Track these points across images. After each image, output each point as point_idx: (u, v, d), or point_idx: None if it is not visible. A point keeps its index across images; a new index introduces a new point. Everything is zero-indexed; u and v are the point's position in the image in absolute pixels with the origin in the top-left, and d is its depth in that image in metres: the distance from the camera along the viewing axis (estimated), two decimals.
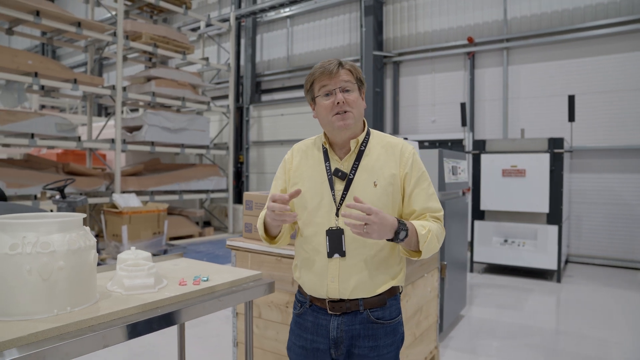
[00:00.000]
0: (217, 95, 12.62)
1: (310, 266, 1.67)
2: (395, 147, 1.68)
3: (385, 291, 1.65)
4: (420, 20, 9.36)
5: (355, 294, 1.61)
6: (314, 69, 1.65)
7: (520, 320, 4.69)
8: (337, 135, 1.65)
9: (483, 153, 6.61)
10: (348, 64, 1.64)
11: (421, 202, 1.64)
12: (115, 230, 7.24)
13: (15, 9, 6.96)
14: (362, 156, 1.65)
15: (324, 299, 1.64)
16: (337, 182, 1.64)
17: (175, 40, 9.32)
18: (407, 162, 1.65)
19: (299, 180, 1.70)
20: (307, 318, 1.70)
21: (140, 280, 1.98)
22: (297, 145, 1.80)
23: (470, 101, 8.67)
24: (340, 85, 1.60)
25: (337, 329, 1.63)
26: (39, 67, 7.11)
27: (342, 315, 1.63)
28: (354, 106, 1.61)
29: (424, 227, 1.56)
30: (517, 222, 6.47)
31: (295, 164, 1.74)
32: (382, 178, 1.62)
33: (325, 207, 1.63)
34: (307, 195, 1.66)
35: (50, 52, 16.49)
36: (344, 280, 1.60)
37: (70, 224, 1.74)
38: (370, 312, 1.63)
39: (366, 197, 1.58)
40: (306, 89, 1.70)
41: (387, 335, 1.66)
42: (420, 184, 1.66)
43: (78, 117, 12.08)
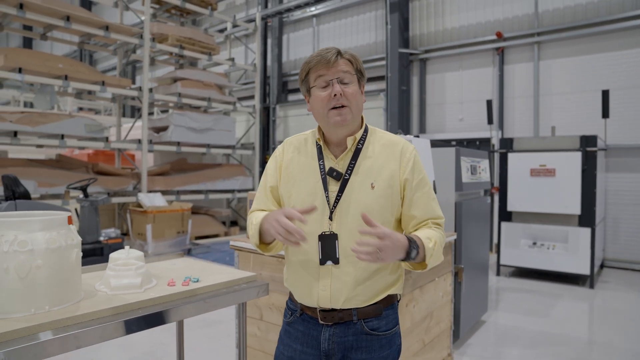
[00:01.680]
0: (244, 95, 12.72)
1: (301, 272, 1.55)
2: (396, 146, 1.55)
3: (381, 300, 1.52)
4: (447, 16, 9.10)
5: (349, 304, 1.48)
6: (311, 57, 1.49)
7: (546, 327, 4.45)
8: (332, 132, 1.52)
9: (510, 152, 6.34)
10: (348, 54, 1.50)
11: (422, 207, 1.52)
12: (140, 229, 7.39)
13: (48, 15, 7.21)
14: (359, 155, 1.52)
15: (315, 308, 1.52)
16: (332, 182, 1.50)
17: (201, 41, 9.44)
18: (408, 164, 1.52)
19: (291, 178, 1.57)
20: (298, 327, 1.58)
21: (126, 280, 1.96)
22: (290, 139, 1.67)
23: (499, 98, 8.36)
24: (338, 76, 1.45)
25: (328, 341, 1.51)
26: (69, 70, 7.34)
27: (334, 325, 1.51)
28: (352, 100, 1.47)
29: (430, 239, 1.44)
30: (546, 224, 6.16)
31: (287, 160, 1.61)
32: (380, 179, 1.49)
33: (318, 210, 1.48)
34: (298, 196, 1.54)
35: (88, 56, 17.08)
36: (336, 289, 1.47)
37: (52, 223, 1.72)
38: (364, 322, 1.50)
39: (363, 199, 1.47)
40: (301, 78, 1.54)
41: (383, 347, 1.53)
42: (422, 187, 1.53)
43: (111, 118, 12.44)
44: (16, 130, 6.69)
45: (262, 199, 1.65)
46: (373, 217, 1.41)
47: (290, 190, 1.56)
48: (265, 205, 1.64)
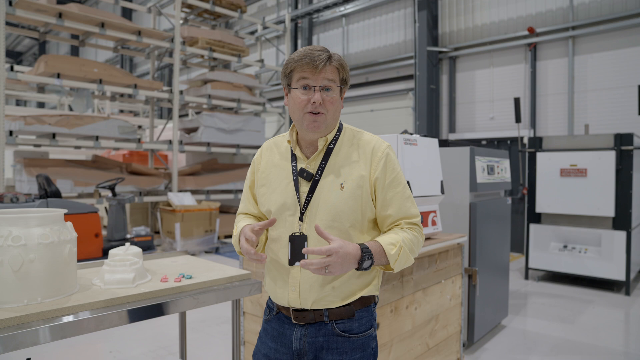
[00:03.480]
0: (275, 96, 12.87)
1: (273, 273, 1.57)
2: (367, 145, 1.53)
3: (353, 302, 1.50)
4: (478, 12, 8.87)
5: (318, 305, 1.48)
6: (299, 54, 1.45)
7: (570, 335, 4.26)
8: (304, 133, 1.52)
9: (539, 151, 6.11)
10: (336, 60, 1.46)
11: (396, 207, 1.49)
12: (170, 228, 7.61)
13: (84, 23, 7.56)
14: (329, 155, 1.51)
15: (288, 308, 1.53)
16: (303, 183, 1.51)
17: (230, 43, 9.62)
18: (378, 163, 1.49)
19: (266, 181, 1.59)
20: (273, 326, 1.60)
21: (119, 275, 2.03)
22: (267, 143, 1.69)
23: (531, 96, 8.07)
24: (322, 84, 1.43)
25: (300, 340, 1.51)
26: (103, 74, 7.67)
27: (306, 325, 1.51)
28: (330, 108, 1.45)
29: (393, 245, 1.42)
30: (578, 227, 5.90)
31: (262, 164, 1.63)
32: (349, 180, 1.48)
33: (289, 211, 1.50)
34: (272, 197, 1.55)
35: (128, 61, 17.77)
36: (305, 290, 1.48)
37: (45, 219, 1.81)
38: (335, 323, 1.49)
39: (332, 199, 1.46)
40: (284, 73, 1.50)
41: (355, 350, 1.50)
42: (395, 187, 1.50)
43: (147, 120, 12.89)
44: (54, 132, 7.06)
45: (245, 202, 1.72)
46: (342, 217, 1.44)
47: (264, 191, 1.59)
48: (247, 208, 1.71)
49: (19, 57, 27.13)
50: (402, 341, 2.62)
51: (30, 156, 7.75)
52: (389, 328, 2.50)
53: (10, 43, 25.42)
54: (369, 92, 10.95)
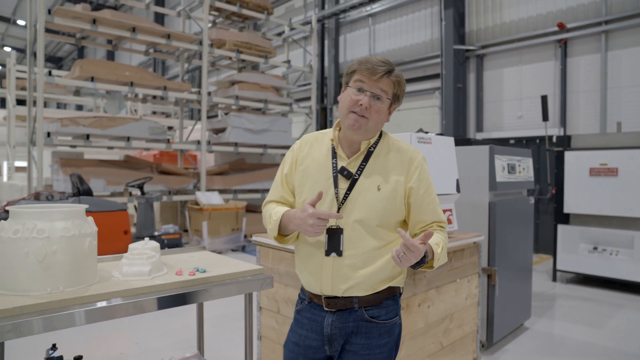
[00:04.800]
0: (302, 97, 12.97)
1: (308, 262, 1.67)
2: (404, 154, 1.66)
3: (381, 291, 1.62)
4: (506, 9, 8.70)
5: (350, 292, 1.59)
6: (365, 59, 1.59)
7: (596, 339, 4.14)
8: (346, 131, 1.63)
9: (567, 150, 5.95)
10: (396, 75, 1.59)
11: (430, 212, 1.64)
12: (197, 226, 7.81)
13: (117, 28, 7.86)
14: (369, 158, 1.63)
15: (320, 295, 1.64)
16: (342, 180, 1.61)
17: (257, 45, 9.77)
18: (414, 173, 1.63)
19: (305, 172, 1.69)
20: (305, 315, 1.71)
21: (137, 268, 2.14)
22: (307, 137, 1.78)
23: (561, 94, 7.86)
24: (374, 91, 1.56)
25: (331, 326, 1.62)
26: (134, 77, 7.95)
27: (337, 312, 1.62)
28: (374, 116, 1.57)
29: (438, 245, 1.57)
30: (608, 228, 5.71)
31: (302, 156, 1.72)
32: (386, 183, 1.60)
33: (326, 204, 1.60)
34: (311, 190, 1.65)
35: (160, 64, 18.28)
36: (337, 279, 1.59)
37: (68, 214, 1.93)
38: (365, 310, 1.61)
39: (368, 199, 1.58)
40: (346, 72, 1.64)
41: (382, 335, 1.62)
42: (428, 195, 1.64)
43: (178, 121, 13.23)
44: (88, 133, 7.37)
45: (278, 189, 1.78)
46: (375, 216, 1.58)
47: (303, 183, 1.68)
48: (279, 195, 1.77)
49: (59, 62, 28.34)
50: (415, 339, 2.63)
51: (66, 157, 8.11)
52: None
53: (52, 49, 26.58)
54: None
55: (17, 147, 10.46)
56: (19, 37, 24.31)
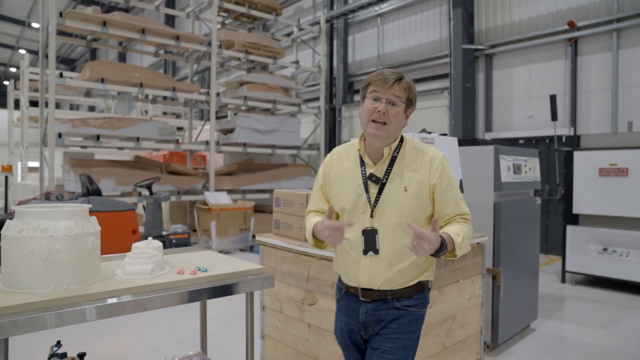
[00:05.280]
0: (311, 97, 12.99)
1: (347, 259, 1.83)
2: (426, 155, 1.80)
3: (412, 285, 1.79)
4: (515, 8, 8.62)
5: (384, 286, 1.76)
6: (377, 72, 1.77)
7: (604, 341, 4.09)
8: (369, 140, 1.79)
9: (576, 150, 5.89)
10: (406, 82, 1.75)
11: (452, 206, 1.79)
12: (206, 226, 7.87)
13: (126, 29, 7.96)
14: (394, 162, 1.78)
15: (357, 287, 1.81)
16: (372, 185, 1.78)
17: (266, 45, 9.82)
18: (436, 171, 1.77)
19: (338, 184, 1.87)
20: (343, 303, 1.89)
21: (139, 267, 2.17)
22: (336, 150, 1.96)
23: (571, 93, 7.77)
24: (388, 97, 1.71)
25: (365, 314, 1.79)
26: (143, 78, 8.03)
27: (372, 302, 1.79)
28: (393, 120, 1.72)
29: (458, 234, 1.70)
30: (618, 229, 5.64)
31: (334, 168, 1.90)
32: (412, 184, 1.75)
33: (360, 209, 1.77)
34: (346, 197, 1.82)
35: (171, 65, 18.43)
36: (374, 274, 1.76)
37: (71, 213, 1.97)
38: (397, 301, 1.78)
39: (398, 200, 1.74)
40: (362, 86, 1.82)
41: (411, 322, 1.79)
42: (450, 190, 1.78)
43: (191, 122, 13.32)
44: (98, 134, 7.46)
45: (316, 199, 1.99)
46: (406, 215, 1.73)
47: (338, 192, 1.86)
48: (318, 205, 1.98)
49: (72, 63, 28.74)
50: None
51: (77, 157, 8.22)
52: None
53: (66, 51, 26.96)
54: None
55: (31, 148, 10.64)
56: (34, 39, 24.71)
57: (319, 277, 2.65)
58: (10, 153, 13.67)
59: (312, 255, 2.69)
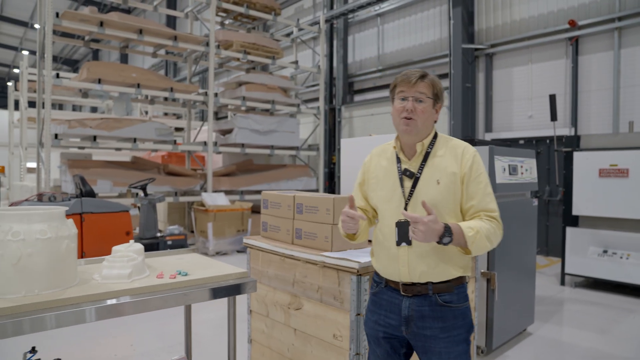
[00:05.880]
0: (311, 97, 12.93)
1: (384, 252, 1.89)
2: (458, 148, 1.86)
3: (452, 279, 1.81)
4: (516, 6, 8.54)
5: (425, 278, 1.79)
6: (400, 74, 1.86)
7: (603, 345, 4.01)
8: (403, 137, 1.88)
9: (576, 151, 5.80)
10: (430, 78, 1.82)
11: (477, 199, 1.79)
12: (203, 227, 7.83)
13: (124, 30, 7.92)
14: (428, 157, 1.84)
15: (397, 282, 1.84)
16: (406, 180, 1.85)
17: (264, 46, 9.77)
18: (467, 163, 1.81)
19: (376, 180, 1.96)
20: (382, 297, 1.91)
21: (117, 271, 2.12)
22: (375, 150, 2.06)
23: (572, 93, 7.68)
24: (414, 95, 1.79)
25: (408, 308, 1.81)
26: (141, 79, 8.00)
27: (413, 296, 1.81)
28: (420, 116, 1.79)
29: (471, 228, 1.71)
30: (619, 231, 5.55)
31: (372, 166, 2.01)
32: (444, 176, 1.80)
33: (395, 202, 1.85)
34: (382, 192, 1.91)
35: (172, 66, 18.43)
36: (412, 267, 1.80)
37: (46, 216, 1.92)
38: (438, 296, 1.79)
39: (430, 193, 1.79)
40: (390, 89, 1.93)
41: (456, 317, 1.80)
42: (478, 183, 1.80)
43: (193, 122, 13.29)
44: (95, 134, 7.43)
45: (354, 196, 2.01)
46: (438, 207, 1.76)
47: (375, 188, 1.95)
48: (356, 202, 2.02)
49: (75, 64, 28.82)
50: None
51: (75, 158, 8.19)
52: None
53: (68, 52, 27.04)
54: None
55: (29, 149, 10.63)
56: (36, 40, 24.79)
57: (304, 281, 2.59)
58: (11, 154, 13.68)
59: (297, 259, 2.63)
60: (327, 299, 2.45)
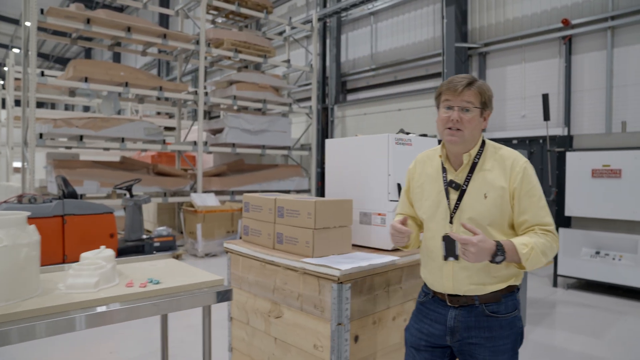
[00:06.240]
0: (304, 96, 12.82)
1: (431, 264, 1.86)
2: (507, 160, 1.76)
3: (500, 290, 1.75)
4: (509, 5, 8.46)
5: (470, 292, 1.75)
6: (448, 80, 1.77)
7: (595, 350, 3.93)
8: (448, 147, 1.81)
9: (569, 151, 5.72)
10: (477, 85, 1.73)
11: (531, 214, 1.72)
12: (192, 228, 7.70)
13: (111, 27, 7.77)
14: (474, 169, 1.78)
15: (443, 293, 1.81)
16: (452, 192, 1.79)
17: (256, 44, 9.65)
18: (517, 176, 1.72)
19: (420, 189, 1.92)
20: (429, 307, 1.88)
21: (82, 280, 2.00)
22: (420, 156, 2.01)
23: (565, 92, 7.61)
24: (460, 105, 1.71)
25: (454, 319, 1.78)
26: (129, 77, 7.86)
27: (459, 307, 1.78)
28: (467, 126, 1.72)
29: (525, 245, 1.64)
30: (611, 232, 5.48)
31: (417, 174, 1.96)
32: (492, 190, 1.73)
33: (441, 215, 1.80)
34: (427, 202, 1.87)
35: (165, 65, 18.26)
36: (457, 280, 1.76)
37: (4, 223, 1.80)
38: (485, 306, 1.74)
39: (476, 207, 1.73)
40: (435, 95, 1.84)
41: (503, 328, 1.74)
42: (530, 197, 1.72)
43: (183, 122, 13.13)
44: (81, 134, 7.29)
45: (402, 204, 2.08)
46: (484, 222, 1.72)
47: (420, 198, 1.91)
48: (402, 209, 2.06)
49: (67, 63, 28.52)
50: (388, 355, 2.47)
51: (62, 158, 8.04)
52: (370, 341, 2.35)
53: (60, 50, 26.76)
54: (397, 90, 10.71)
55: (16, 148, 10.46)
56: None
57: (284, 288, 2.48)
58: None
59: (278, 265, 2.52)
60: (308, 307, 2.34)
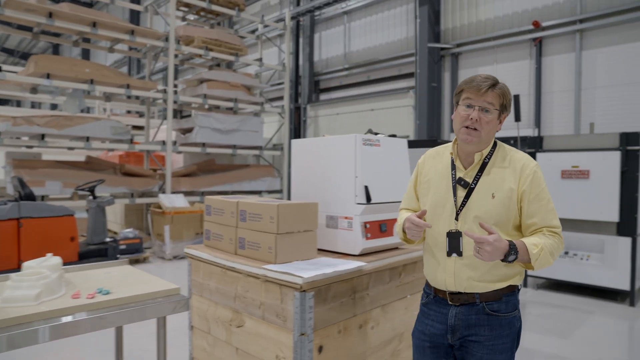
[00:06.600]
0: (277, 96, 12.67)
1: (433, 261, 1.86)
2: (517, 162, 1.77)
3: (501, 288, 1.76)
4: (481, 6, 8.53)
5: (471, 289, 1.75)
6: (470, 79, 1.76)
7: (565, 351, 3.95)
8: (461, 145, 1.81)
9: (539, 151, 5.77)
10: (500, 87, 1.74)
11: (540, 217, 1.73)
12: (160, 230, 7.47)
13: (75, 22, 7.47)
14: (484, 168, 1.78)
15: (444, 291, 1.81)
16: (460, 189, 1.79)
17: (227, 42, 9.46)
18: (526, 179, 1.74)
19: (428, 184, 1.91)
20: (431, 307, 1.88)
21: (22, 292, 1.85)
22: (430, 152, 1.99)
23: (535, 93, 7.71)
24: (481, 105, 1.71)
25: (454, 317, 1.78)
26: (95, 74, 7.57)
27: (460, 305, 1.78)
28: (485, 127, 1.72)
29: (536, 245, 1.67)
30: (579, 232, 5.55)
31: (425, 169, 1.95)
32: (500, 191, 1.74)
33: (447, 211, 1.80)
34: (433, 198, 1.85)
35: (136, 62, 17.80)
36: (459, 276, 1.76)
37: None
38: (486, 304, 1.75)
39: (483, 206, 1.74)
40: (455, 92, 1.83)
41: (503, 326, 1.75)
42: (539, 200, 1.73)
43: (154, 121, 12.79)
44: (43, 133, 6.98)
45: (408, 199, 2.06)
46: (490, 221, 1.71)
47: (427, 193, 1.90)
48: (409, 203, 2.04)
49: None
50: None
51: (23, 157, 7.69)
52: (336, 351, 2.26)
53: (26, 46, 25.81)
54: (369, 90, 10.68)
55: None
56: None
57: (246, 296, 2.36)
58: None
59: (239, 272, 2.40)
60: (270, 316, 2.23)
